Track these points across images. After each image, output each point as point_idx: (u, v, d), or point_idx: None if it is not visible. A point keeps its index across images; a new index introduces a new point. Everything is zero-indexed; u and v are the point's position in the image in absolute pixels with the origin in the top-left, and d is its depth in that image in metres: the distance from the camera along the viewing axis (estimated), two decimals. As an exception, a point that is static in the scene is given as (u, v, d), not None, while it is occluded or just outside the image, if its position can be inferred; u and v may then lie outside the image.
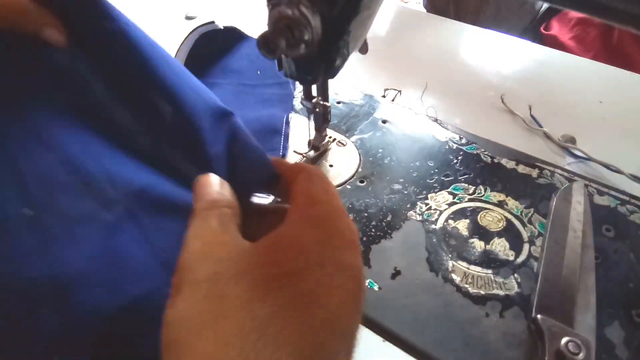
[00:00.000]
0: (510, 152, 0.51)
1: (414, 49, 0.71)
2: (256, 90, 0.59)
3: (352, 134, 0.54)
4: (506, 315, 0.36)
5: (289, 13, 0.30)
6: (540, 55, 0.70)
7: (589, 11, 0.25)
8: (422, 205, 0.45)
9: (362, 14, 0.34)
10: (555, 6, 0.32)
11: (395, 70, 0.66)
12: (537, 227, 0.43)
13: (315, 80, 0.41)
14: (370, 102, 0.58)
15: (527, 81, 0.64)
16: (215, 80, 0.61)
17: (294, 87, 0.59)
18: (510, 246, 0.42)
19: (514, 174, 0.48)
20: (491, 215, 0.44)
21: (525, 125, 0.56)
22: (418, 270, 0.40)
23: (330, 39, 0.33)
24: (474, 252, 0.41)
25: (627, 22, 0.24)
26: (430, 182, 0.48)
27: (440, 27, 0.78)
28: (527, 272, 0.39)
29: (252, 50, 0.64)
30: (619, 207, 0.45)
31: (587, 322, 0.35)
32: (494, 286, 0.38)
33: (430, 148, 0.52)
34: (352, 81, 0.62)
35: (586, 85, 0.63)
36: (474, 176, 0.48)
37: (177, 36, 0.62)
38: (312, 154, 0.50)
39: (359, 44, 0.40)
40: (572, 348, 0.32)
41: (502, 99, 0.59)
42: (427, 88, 0.61)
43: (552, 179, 0.48)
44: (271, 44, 0.29)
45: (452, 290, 0.38)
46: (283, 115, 0.54)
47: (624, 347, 0.34)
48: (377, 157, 0.51)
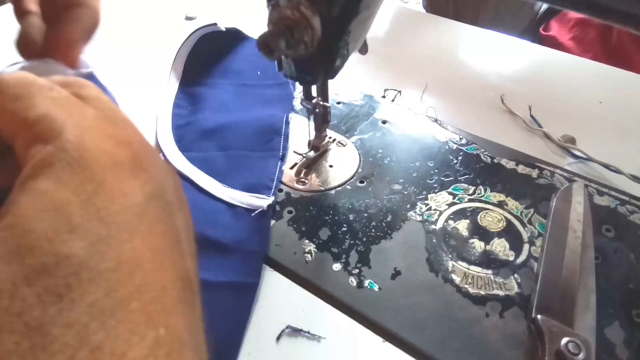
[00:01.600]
0: (510, 152, 0.51)
1: (414, 49, 0.71)
2: (256, 90, 0.59)
3: (352, 135, 0.54)
4: (506, 316, 0.36)
5: (289, 14, 0.30)
6: (540, 55, 0.70)
7: (589, 11, 0.25)
8: (422, 205, 0.45)
9: (362, 14, 0.34)
10: (555, 7, 0.32)
11: (395, 71, 0.66)
12: (537, 228, 0.43)
13: (315, 81, 0.41)
14: (370, 103, 0.58)
15: (527, 81, 0.64)
16: (216, 80, 0.61)
17: (294, 87, 0.59)
18: (510, 246, 0.42)
19: (513, 174, 0.48)
20: (491, 216, 0.44)
21: (525, 126, 0.56)
22: (418, 271, 0.40)
23: (330, 40, 0.33)
24: (474, 253, 0.41)
25: (627, 22, 0.24)
26: (430, 182, 0.48)
27: (441, 27, 0.78)
28: (527, 272, 0.39)
29: (252, 50, 0.64)
30: (619, 207, 0.45)
31: (587, 322, 0.35)
32: (494, 286, 0.38)
33: (430, 148, 0.52)
34: (352, 81, 0.62)
35: (586, 85, 0.63)
36: (474, 176, 0.48)
37: (177, 36, 0.62)
38: (312, 154, 0.50)
39: (358, 44, 0.40)
40: (572, 348, 0.32)
41: (502, 99, 0.59)
42: (427, 88, 0.61)
43: (552, 179, 0.48)
44: (271, 44, 0.29)
45: (452, 291, 0.38)
46: (283, 115, 0.54)
47: (624, 347, 0.34)
48: (377, 158, 0.51)
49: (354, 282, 0.39)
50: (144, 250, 0.16)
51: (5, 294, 0.13)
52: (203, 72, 0.61)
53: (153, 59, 0.65)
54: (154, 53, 0.66)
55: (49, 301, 0.14)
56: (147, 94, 0.58)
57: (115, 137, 0.18)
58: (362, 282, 0.39)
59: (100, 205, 0.15)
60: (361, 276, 0.39)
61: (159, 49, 0.65)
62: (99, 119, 0.18)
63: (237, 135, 0.52)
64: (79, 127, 0.16)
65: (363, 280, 0.39)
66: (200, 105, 0.57)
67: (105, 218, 0.15)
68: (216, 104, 0.57)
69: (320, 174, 0.49)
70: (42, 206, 0.15)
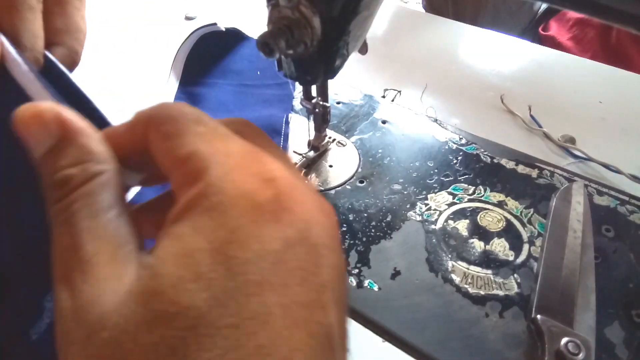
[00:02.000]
0: (510, 152, 0.51)
1: (414, 49, 0.71)
2: (256, 90, 0.59)
3: (352, 134, 0.54)
4: (506, 316, 0.36)
5: (289, 13, 0.30)
6: (540, 55, 0.70)
7: (589, 11, 0.25)
8: (422, 205, 0.45)
9: (361, 14, 0.34)
10: (554, 6, 0.32)
11: (395, 70, 0.66)
12: (536, 227, 0.43)
13: (315, 81, 0.41)
14: (370, 103, 0.58)
15: (526, 81, 0.64)
16: (216, 80, 0.61)
17: (293, 87, 0.59)
18: (510, 246, 0.42)
19: (513, 174, 0.48)
20: (491, 216, 0.44)
21: (524, 126, 0.56)
22: (418, 271, 0.40)
23: (330, 39, 0.33)
24: (473, 253, 0.41)
25: (627, 22, 0.24)
26: (430, 182, 0.48)
27: (441, 27, 0.78)
28: (527, 272, 0.39)
29: (252, 50, 0.64)
30: (619, 207, 0.45)
31: (587, 322, 0.35)
32: (494, 286, 0.38)
33: (430, 148, 0.52)
34: (351, 81, 0.62)
35: (586, 85, 0.63)
36: (474, 176, 0.48)
37: (177, 36, 0.62)
38: (311, 154, 0.50)
39: (358, 44, 0.40)
40: (572, 348, 0.32)
41: (502, 99, 0.59)
42: (427, 88, 0.61)
43: (552, 179, 0.48)
44: (271, 44, 0.29)
45: (452, 291, 0.38)
46: (283, 115, 0.54)
47: (624, 347, 0.34)
48: (377, 158, 0.51)
49: (354, 282, 0.39)
50: (274, 305, 0.14)
51: (129, 336, 0.13)
52: (203, 72, 0.61)
53: (153, 59, 0.65)
54: (154, 53, 0.66)
55: (162, 353, 0.13)
56: (147, 93, 0.58)
57: (260, 174, 0.16)
58: (362, 282, 0.39)
59: (231, 254, 0.14)
60: (361, 276, 0.39)
61: (159, 49, 0.65)
62: (244, 155, 0.17)
63: None
64: (222, 167, 0.16)
65: (363, 280, 0.39)
66: (200, 105, 0.57)
67: (234, 268, 0.14)
68: (216, 103, 0.57)
69: (320, 174, 0.49)
70: (175, 251, 0.14)
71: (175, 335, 0.13)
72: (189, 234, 0.15)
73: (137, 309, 0.13)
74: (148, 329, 0.13)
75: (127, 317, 0.13)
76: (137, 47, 0.69)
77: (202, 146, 0.16)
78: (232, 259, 0.14)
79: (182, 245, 0.14)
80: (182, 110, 0.17)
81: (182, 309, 0.13)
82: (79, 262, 0.14)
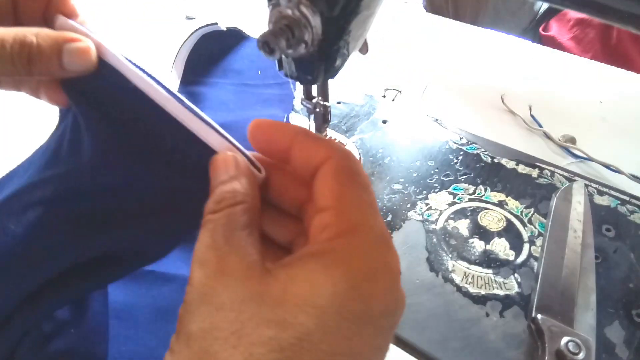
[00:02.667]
0: (510, 152, 0.51)
1: (414, 49, 0.71)
2: (256, 90, 0.60)
3: (352, 134, 0.54)
4: (506, 315, 0.36)
5: (289, 13, 0.30)
6: (540, 55, 0.70)
7: (589, 11, 0.25)
8: (422, 205, 0.45)
9: (362, 14, 0.34)
10: (555, 6, 0.32)
11: (395, 70, 0.66)
12: (537, 227, 0.43)
13: (315, 81, 0.41)
14: (370, 102, 0.58)
15: (527, 81, 0.64)
16: (216, 80, 0.61)
17: (294, 87, 0.59)
18: (511, 246, 0.42)
19: (514, 174, 0.48)
20: (491, 215, 0.44)
21: (525, 125, 0.56)
22: (418, 270, 0.40)
23: (330, 39, 0.33)
24: (474, 252, 0.41)
25: (627, 22, 0.24)
26: (430, 182, 0.48)
27: (441, 27, 0.78)
28: (527, 272, 0.39)
29: (253, 50, 0.64)
30: (619, 207, 0.45)
31: (587, 322, 0.35)
32: (494, 286, 0.38)
33: (431, 148, 0.52)
34: (352, 81, 0.62)
35: (586, 85, 0.63)
36: (474, 176, 0.48)
37: (178, 36, 0.62)
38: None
39: (359, 44, 0.40)
40: (572, 348, 0.32)
41: (502, 99, 0.59)
42: (427, 88, 0.61)
43: (552, 179, 0.48)
44: (271, 44, 0.29)
45: (452, 290, 0.38)
46: (283, 115, 0.54)
47: (624, 347, 0.34)
48: (377, 157, 0.51)
49: (354, 281, 0.39)
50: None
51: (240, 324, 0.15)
52: (203, 71, 0.61)
53: (154, 58, 0.65)
54: (154, 53, 0.66)
55: (270, 349, 0.15)
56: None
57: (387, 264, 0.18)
58: (362, 281, 0.39)
59: (353, 308, 0.16)
60: (361, 276, 0.39)
61: (159, 49, 0.65)
62: (383, 233, 0.19)
63: (237, 134, 0.52)
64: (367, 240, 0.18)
65: (363, 280, 0.39)
66: (201, 105, 0.57)
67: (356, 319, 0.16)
68: (217, 103, 0.57)
69: (320, 174, 0.49)
70: (303, 282, 0.17)
71: (286, 338, 0.15)
72: (319, 271, 0.16)
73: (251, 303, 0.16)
74: (268, 325, 0.15)
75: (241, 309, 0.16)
76: (138, 47, 0.69)
77: (369, 218, 0.18)
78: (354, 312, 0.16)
79: (311, 280, 0.16)
80: (353, 156, 0.21)
81: (296, 323, 0.15)
82: (213, 256, 0.17)
